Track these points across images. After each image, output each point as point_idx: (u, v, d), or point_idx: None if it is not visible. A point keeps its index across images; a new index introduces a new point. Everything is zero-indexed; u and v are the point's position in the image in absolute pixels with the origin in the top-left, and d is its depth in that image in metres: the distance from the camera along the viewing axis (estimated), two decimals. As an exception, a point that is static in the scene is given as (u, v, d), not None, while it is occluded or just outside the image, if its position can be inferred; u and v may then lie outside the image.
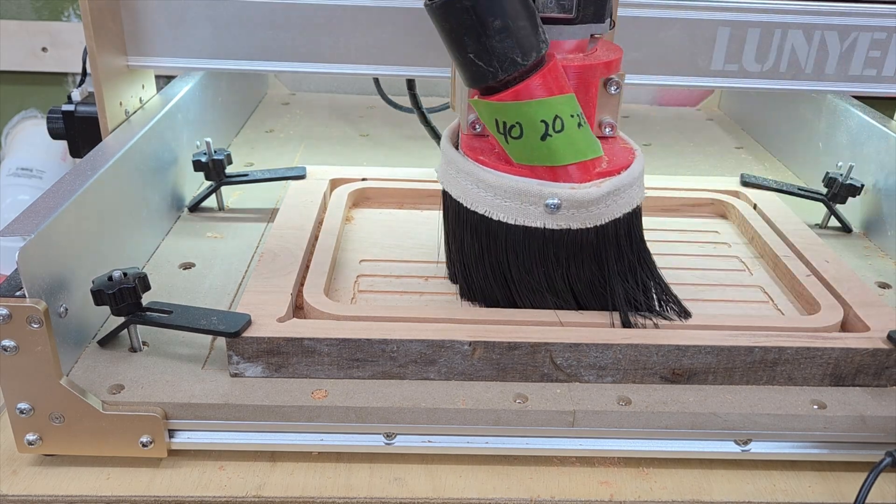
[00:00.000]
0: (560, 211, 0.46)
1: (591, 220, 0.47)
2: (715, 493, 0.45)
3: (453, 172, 0.49)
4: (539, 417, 0.45)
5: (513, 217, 0.47)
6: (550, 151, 0.45)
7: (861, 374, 0.48)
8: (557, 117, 0.44)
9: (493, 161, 0.47)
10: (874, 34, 0.64)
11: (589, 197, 0.46)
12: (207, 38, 0.63)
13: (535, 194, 0.46)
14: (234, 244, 0.63)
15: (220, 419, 0.45)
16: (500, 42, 0.42)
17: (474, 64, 0.43)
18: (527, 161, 0.46)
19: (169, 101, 0.67)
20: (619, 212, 0.48)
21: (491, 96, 0.44)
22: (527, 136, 0.44)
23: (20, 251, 0.41)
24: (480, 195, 0.47)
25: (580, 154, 0.45)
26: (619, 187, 0.47)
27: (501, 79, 0.43)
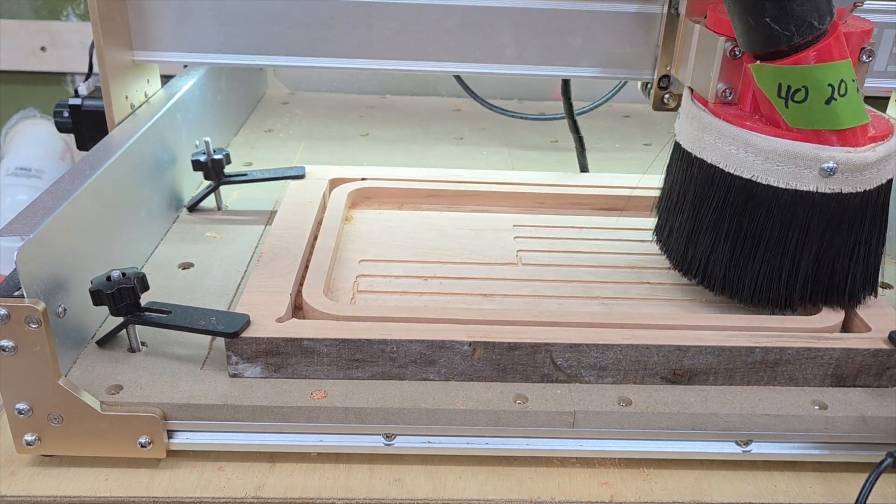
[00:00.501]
0: (835, 175, 0.46)
1: (862, 183, 0.47)
2: (715, 493, 0.45)
3: (711, 138, 0.49)
4: (539, 418, 0.45)
5: (784, 181, 0.47)
6: (834, 115, 0.45)
7: (862, 375, 0.48)
8: (843, 81, 0.45)
9: (759, 126, 0.48)
10: None
11: (866, 161, 0.46)
12: (212, 32, 0.63)
13: (811, 157, 0.46)
14: (234, 244, 0.63)
15: (219, 420, 0.44)
16: (801, 6, 0.43)
17: (769, 27, 0.44)
18: (806, 125, 0.46)
19: (168, 101, 0.67)
20: (885, 177, 0.48)
21: (777, 60, 0.45)
22: (812, 99, 0.45)
23: (19, 251, 0.41)
24: (748, 160, 0.48)
25: (859, 118, 0.46)
26: (892, 152, 0.47)
27: (795, 42, 0.44)
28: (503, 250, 0.61)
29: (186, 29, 0.63)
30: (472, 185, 0.68)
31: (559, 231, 0.64)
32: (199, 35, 0.63)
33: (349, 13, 0.63)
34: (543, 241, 0.62)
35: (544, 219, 0.66)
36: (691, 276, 0.54)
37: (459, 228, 0.64)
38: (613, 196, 0.68)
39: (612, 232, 0.65)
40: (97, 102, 0.66)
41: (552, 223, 0.66)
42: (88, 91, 0.69)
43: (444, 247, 0.61)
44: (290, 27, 0.63)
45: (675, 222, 0.55)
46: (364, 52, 0.65)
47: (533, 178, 0.70)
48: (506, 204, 0.68)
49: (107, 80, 0.60)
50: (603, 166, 0.87)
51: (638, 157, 0.90)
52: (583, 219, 0.67)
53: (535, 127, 0.98)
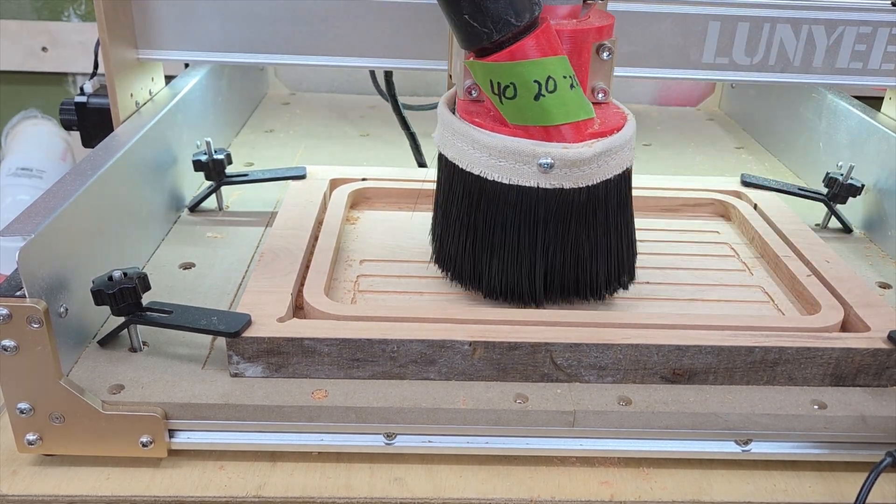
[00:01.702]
0: (553, 170, 0.46)
1: (583, 179, 0.48)
2: (715, 493, 0.45)
3: (449, 135, 0.50)
4: (539, 417, 0.45)
5: (507, 177, 0.48)
6: (543, 111, 0.46)
7: (861, 375, 0.48)
8: (550, 78, 0.45)
9: (489, 123, 0.48)
10: (860, 28, 0.66)
11: (581, 156, 0.46)
12: (214, 31, 0.64)
13: (528, 153, 0.46)
14: (234, 244, 0.63)
15: (220, 419, 0.45)
16: (494, 3, 0.43)
17: (469, 25, 0.44)
18: (521, 121, 0.47)
19: (169, 102, 0.67)
20: (610, 173, 0.48)
21: (485, 57, 0.45)
22: (520, 96, 0.45)
23: (20, 251, 0.41)
24: (475, 156, 0.48)
25: (572, 114, 0.46)
26: (611, 148, 0.48)
27: (496, 40, 0.44)
28: (503, 250, 0.61)
29: (190, 28, 0.64)
30: (473, 185, 0.68)
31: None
32: (203, 34, 0.64)
33: (349, 12, 0.64)
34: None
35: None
36: (445, 270, 0.54)
37: (460, 228, 0.64)
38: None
39: (612, 232, 0.65)
40: (102, 100, 0.67)
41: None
42: (94, 89, 0.70)
43: (444, 247, 0.61)
44: (291, 25, 0.64)
45: (436, 218, 0.55)
46: (363, 51, 0.65)
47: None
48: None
49: (112, 79, 0.61)
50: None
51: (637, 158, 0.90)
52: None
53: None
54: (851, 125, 0.74)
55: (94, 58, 0.69)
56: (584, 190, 0.48)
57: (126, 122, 0.63)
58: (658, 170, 0.87)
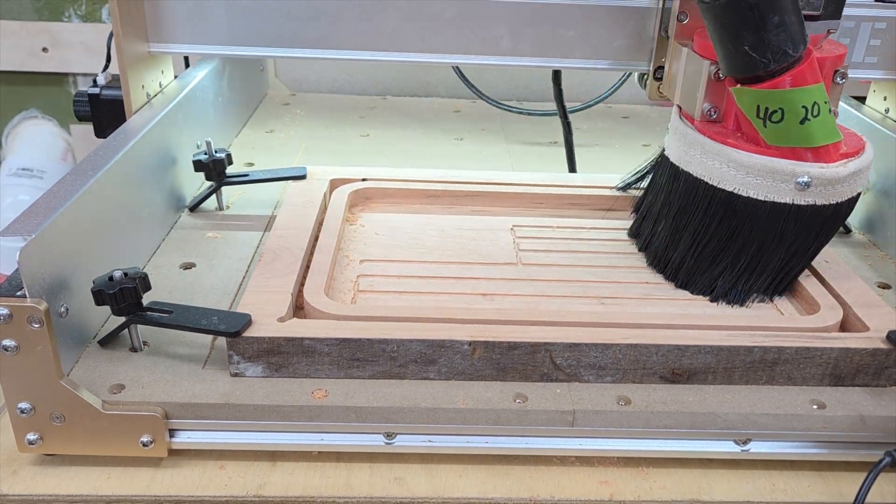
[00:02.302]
0: (809, 188, 0.50)
1: (835, 196, 0.51)
2: (714, 492, 0.45)
3: (698, 154, 0.53)
4: (539, 417, 0.45)
5: (763, 194, 0.51)
6: (808, 134, 0.49)
7: (860, 374, 0.48)
8: (816, 103, 0.48)
9: (740, 143, 0.51)
10: (843, 23, 0.68)
11: (837, 176, 0.50)
12: (222, 25, 0.66)
13: (787, 172, 0.49)
14: (235, 244, 0.63)
15: (220, 419, 0.45)
16: (777, 36, 0.46)
17: (748, 56, 0.47)
18: (783, 143, 0.50)
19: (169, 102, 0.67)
20: (856, 190, 0.52)
21: (756, 84, 0.49)
22: (787, 120, 0.48)
23: (21, 251, 0.41)
24: (730, 174, 0.51)
25: (831, 136, 0.50)
26: (861, 168, 0.51)
27: (772, 69, 0.48)
28: (503, 250, 0.61)
29: (199, 21, 0.66)
30: (472, 185, 0.68)
31: (559, 231, 0.65)
32: (211, 27, 0.66)
33: (353, 6, 0.65)
34: (543, 241, 0.63)
35: (544, 219, 0.67)
36: (667, 275, 0.58)
37: (459, 228, 0.64)
38: (613, 196, 0.68)
39: (612, 232, 0.65)
40: (114, 92, 0.70)
41: (552, 223, 0.66)
42: (106, 81, 0.72)
43: (444, 247, 0.61)
44: (297, 20, 0.66)
45: (658, 226, 0.59)
46: (367, 45, 0.67)
47: (533, 178, 0.70)
48: (505, 204, 0.68)
49: (125, 71, 0.63)
50: (602, 166, 0.87)
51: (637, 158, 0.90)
52: (582, 219, 0.67)
53: (535, 128, 0.98)
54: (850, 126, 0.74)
55: (107, 51, 0.72)
56: (831, 206, 0.51)
57: (137, 112, 0.65)
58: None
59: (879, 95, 0.76)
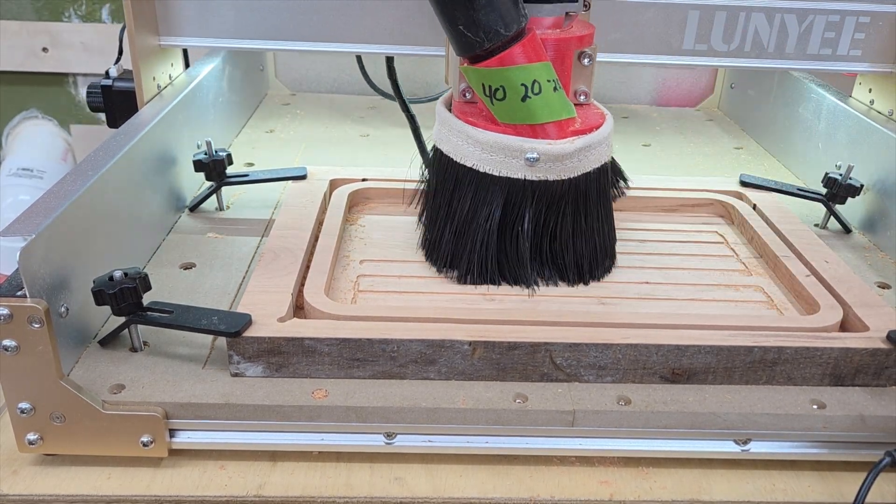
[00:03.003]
0: (538, 164, 0.52)
1: (565, 172, 0.53)
2: (714, 492, 0.45)
3: (446, 131, 0.55)
4: (539, 417, 0.45)
5: (497, 169, 0.53)
6: (530, 111, 0.51)
7: (860, 374, 0.48)
8: (536, 81, 0.50)
9: (482, 122, 0.53)
10: (829, 17, 0.70)
11: (563, 151, 0.52)
12: (230, 19, 0.68)
13: (516, 148, 0.52)
14: (235, 244, 0.63)
15: (220, 419, 0.45)
16: (486, 15, 0.48)
17: (463, 35, 0.50)
18: (510, 120, 0.52)
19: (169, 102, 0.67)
20: (589, 166, 0.54)
21: (478, 63, 0.51)
22: (509, 98, 0.50)
23: (21, 251, 0.41)
24: (470, 150, 0.53)
25: (555, 114, 0.51)
26: (591, 144, 0.53)
27: (487, 48, 0.49)
28: (503, 250, 0.61)
29: (207, 16, 0.68)
30: (473, 185, 0.68)
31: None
32: (220, 21, 0.68)
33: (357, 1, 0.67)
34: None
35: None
36: (433, 258, 0.58)
37: (459, 229, 0.64)
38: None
39: (612, 232, 0.65)
40: (126, 84, 0.73)
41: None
42: (118, 73, 0.75)
43: (444, 247, 0.61)
44: (302, 13, 0.68)
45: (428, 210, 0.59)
46: (370, 38, 0.69)
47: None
48: (506, 204, 0.68)
49: (137, 64, 0.66)
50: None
51: (637, 158, 0.91)
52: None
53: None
54: (850, 125, 0.74)
55: (119, 45, 0.76)
56: (566, 182, 0.53)
57: (148, 103, 0.67)
58: (658, 170, 0.87)
59: (865, 88, 0.78)
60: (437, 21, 0.66)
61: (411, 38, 0.69)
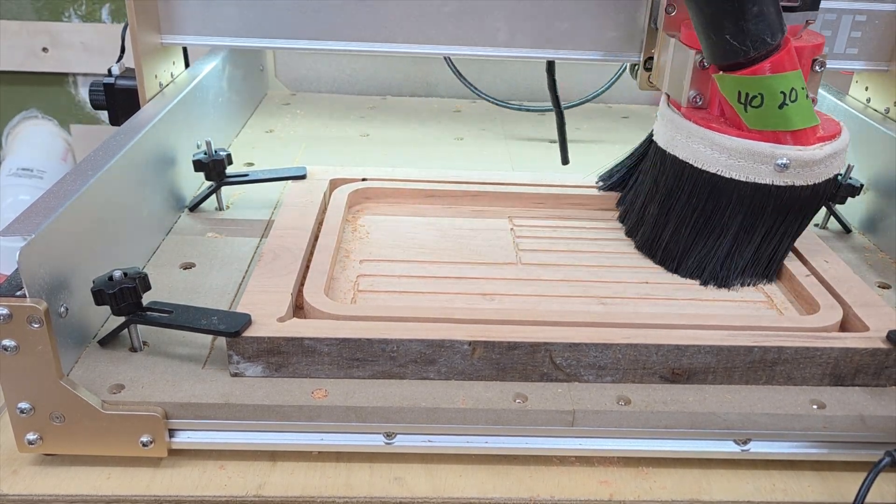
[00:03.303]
0: (788, 170, 0.52)
1: (812, 178, 0.53)
2: (714, 492, 0.45)
3: (683, 138, 0.56)
4: (539, 417, 0.45)
5: (745, 175, 0.53)
6: (786, 118, 0.52)
7: (860, 374, 0.48)
8: (793, 89, 0.51)
9: (724, 127, 0.54)
10: (825, 15, 0.71)
11: (814, 158, 0.52)
12: (232, 17, 0.69)
13: (767, 154, 0.52)
14: (235, 244, 0.63)
15: (220, 419, 0.45)
16: (756, 25, 0.49)
17: (729, 43, 0.50)
18: (762, 127, 0.52)
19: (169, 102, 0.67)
20: (832, 172, 0.55)
21: (737, 71, 0.51)
22: (767, 105, 0.51)
23: (21, 251, 0.41)
24: (714, 156, 0.54)
25: (808, 121, 0.52)
26: (837, 151, 0.54)
27: (751, 56, 0.50)
28: (503, 250, 0.61)
29: (209, 14, 0.69)
30: (472, 185, 0.68)
31: (559, 231, 0.65)
32: (221, 20, 0.69)
33: None
34: (543, 241, 0.63)
35: (544, 219, 0.67)
36: (656, 258, 0.60)
37: (459, 228, 0.64)
38: (613, 196, 0.68)
39: (612, 232, 0.65)
40: (128, 82, 0.73)
41: (552, 223, 0.66)
42: (120, 71, 0.75)
43: (444, 247, 0.61)
44: (303, 12, 0.68)
45: (647, 211, 0.61)
46: (370, 36, 0.69)
47: (532, 178, 0.70)
48: (505, 204, 0.68)
49: (139, 61, 0.66)
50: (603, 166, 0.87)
51: (638, 158, 0.91)
52: (582, 219, 0.67)
53: (534, 127, 0.98)
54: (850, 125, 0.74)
55: (121, 42, 0.76)
56: (808, 187, 0.54)
57: (150, 101, 0.68)
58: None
59: (861, 86, 0.78)
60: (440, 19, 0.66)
61: (415, 37, 0.69)
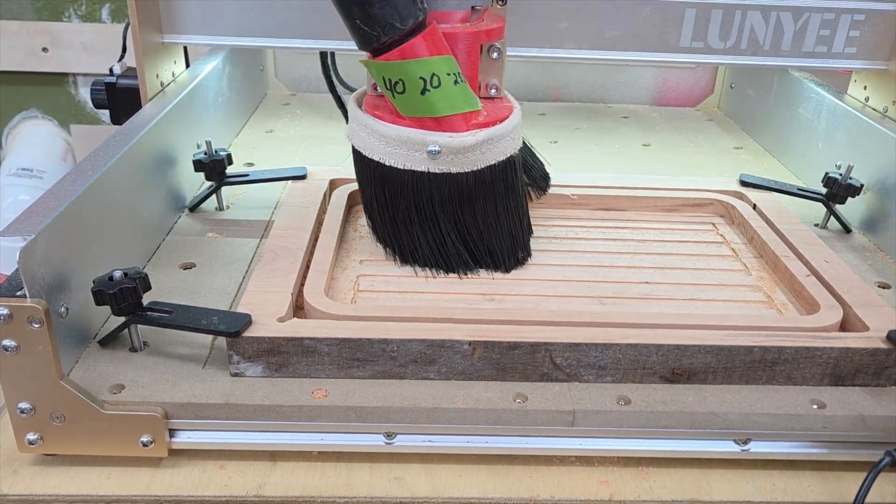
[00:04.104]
0: (440, 156, 0.52)
1: (468, 164, 0.53)
2: (714, 492, 0.45)
3: (355, 126, 0.56)
4: (539, 417, 0.45)
5: (401, 162, 0.54)
6: (429, 104, 0.52)
7: (860, 374, 0.48)
8: (434, 75, 0.51)
9: (389, 116, 0.54)
10: (824, 15, 0.71)
11: (464, 144, 0.52)
12: (232, 17, 0.69)
13: (418, 141, 0.52)
14: (235, 244, 0.63)
15: (220, 419, 0.45)
16: (381, 9, 0.49)
17: (361, 29, 0.50)
18: (411, 113, 0.52)
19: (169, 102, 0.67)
20: (493, 159, 0.54)
21: (377, 57, 0.51)
22: (409, 91, 0.51)
23: (21, 251, 0.41)
24: (376, 144, 0.54)
25: (456, 107, 0.52)
26: (493, 137, 0.53)
27: (384, 41, 0.50)
28: (503, 250, 0.61)
29: (211, 13, 0.69)
30: (472, 185, 0.68)
31: (559, 231, 0.65)
32: (222, 19, 0.69)
33: None
34: (543, 240, 0.63)
35: (544, 219, 0.66)
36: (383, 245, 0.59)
37: (459, 228, 0.64)
38: (613, 196, 0.68)
39: (612, 231, 0.65)
40: (130, 81, 0.74)
41: (552, 223, 0.66)
42: (122, 70, 0.76)
43: (444, 247, 0.61)
44: (306, 11, 0.68)
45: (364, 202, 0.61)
46: None
47: (533, 178, 0.70)
48: (506, 204, 0.68)
49: (141, 61, 0.67)
50: (602, 166, 0.87)
51: (637, 158, 0.91)
52: (582, 219, 0.67)
53: (534, 127, 0.98)
54: (850, 125, 0.74)
55: (123, 42, 0.77)
56: (470, 174, 0.54)
57: (151, 100, 0.68)
58: (658, 170, 0.87)
59: (860, 85, 0.78)
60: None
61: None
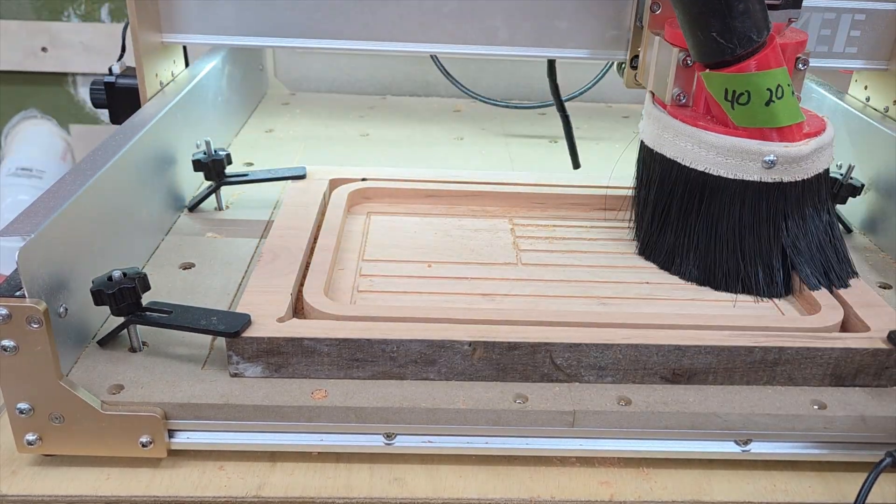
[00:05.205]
0: (775, 166, 0.53)
1: (800, 173, 0.54)
2: (715, 493, 0.45)
3: (669, 135, 0.56)
4: (539, 417, 0.45)
5: (732, 172, 0.53)
6: (772, 115, 0.52)
7: (861, 375, 0.48)
8: (779, 86, 0.51)
9: (711, 125, 0.54)
10: (825, 14, 0.71)
11: (801, 153, 0.53)
12: (231, 16, 0.69)
13: (754, 152, 0.53)
14: (234, 244, 0.63)
15: (219, 419, 0.45)
16: (742, 22, 0.50)
17: (715, 41, 0.51)
18: (750, 124, 0.53)
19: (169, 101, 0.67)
20: (820, 167, 0.55)
21: (723, 69, 0.52)
22: (753, 102, 0.52)
23: (20, 251, 0.41)
24: (701, 154, 0.54)
25: (794, 117, 0.53)
26: (822, 145, 0.54)
27: (738, 54, 0.51)
28: (503, 250, 0.61)
29: (210, 12, 0.69)
30: (472, 185, 0.68)
31: (559, 231, 0.64)
32: (222, 18, 0.69)
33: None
34: (543, 241, 0.63)
35: (544, 219, 0.66)
36: (657, 262, 0.59)
37: (459, 228, 0.64)
38: (613, 196, 0.68)
39: (612, 232, 0.65)
40: (129, 80, 0.73)
41: (552, 223, 0.66)
42: (121, 70, 0.75)
43: (443, 247, 0.61)
44: (306, 10, 0.68)
45: (644, 214, 0.61)
46: (370, 35, 0.69)
47: (532, 178, 0.70)
48: (505, 204, 0.68)
49: (140, 60, 0.67)
50: (602, 166, 0.87)
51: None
52: (582, 219, 0.67)
53: (534, 127, 0.98)
54: (851, 125, 0.74)
55: (122, 41, 0.76)
56: (799, 183, 0.54)
57: (151, 100, 0.68)
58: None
59: (860, 85, 0.78)
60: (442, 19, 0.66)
61: (415, 36, 0.69)
